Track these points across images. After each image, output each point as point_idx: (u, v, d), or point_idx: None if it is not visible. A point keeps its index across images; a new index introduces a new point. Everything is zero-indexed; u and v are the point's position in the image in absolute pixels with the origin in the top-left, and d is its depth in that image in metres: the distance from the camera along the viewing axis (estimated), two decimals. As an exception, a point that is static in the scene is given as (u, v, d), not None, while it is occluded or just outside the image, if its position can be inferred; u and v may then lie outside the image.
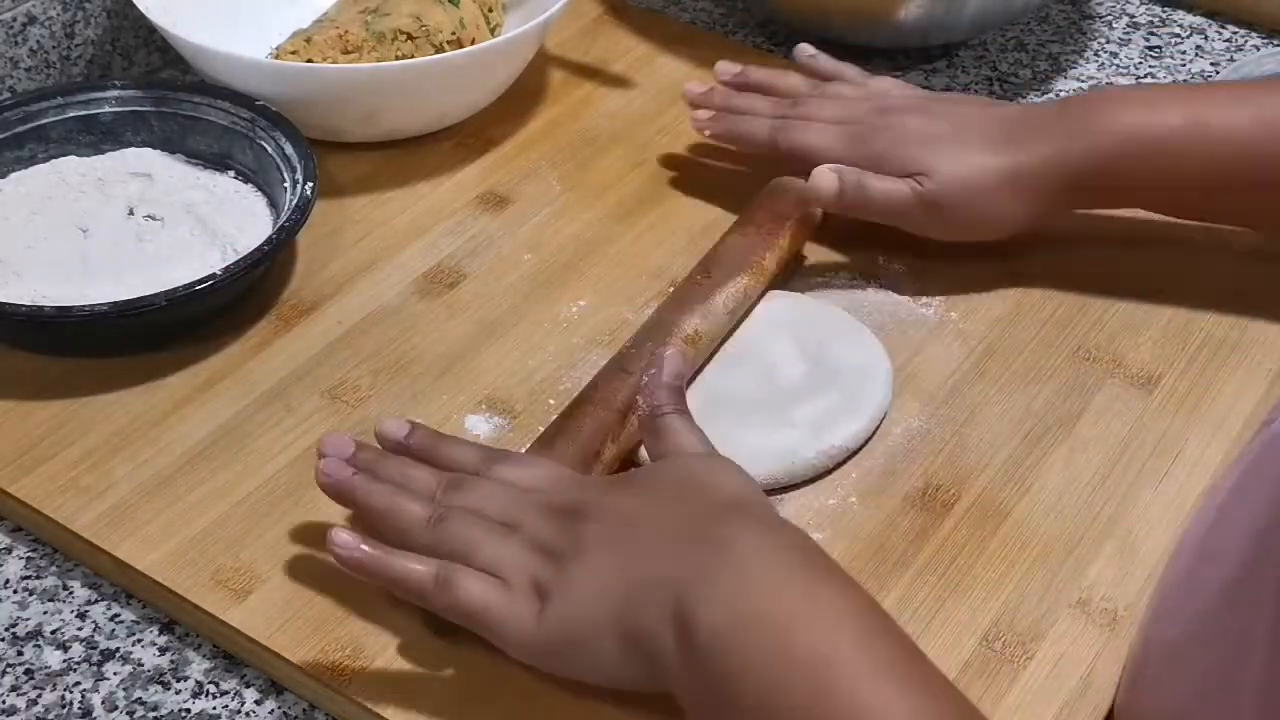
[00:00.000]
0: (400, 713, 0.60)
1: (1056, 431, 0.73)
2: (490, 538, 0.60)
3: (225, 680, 0.63)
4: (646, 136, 0.91)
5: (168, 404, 0.73)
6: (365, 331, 0.77)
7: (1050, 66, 1.02)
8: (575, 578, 0.57)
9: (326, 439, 0.64)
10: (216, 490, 0.69)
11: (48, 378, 0.74)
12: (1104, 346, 0.78)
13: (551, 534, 0.59)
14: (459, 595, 0.58)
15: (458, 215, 0.85)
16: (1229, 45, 1.04)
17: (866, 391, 0.73)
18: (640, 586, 0.56)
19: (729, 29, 1.05)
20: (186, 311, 0.74)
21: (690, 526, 0.57)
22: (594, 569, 0.57)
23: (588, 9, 1.03)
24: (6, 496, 0.69)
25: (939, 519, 0.69)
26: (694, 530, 0.57)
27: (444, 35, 0.89)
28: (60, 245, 0.78)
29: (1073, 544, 0.68)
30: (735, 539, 0.56)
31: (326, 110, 0.86)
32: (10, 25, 0.88)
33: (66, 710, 0.62)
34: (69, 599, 0.66)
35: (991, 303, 0.80)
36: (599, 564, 0.57)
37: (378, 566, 0.60)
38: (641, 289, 0.80)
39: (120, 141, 0.84)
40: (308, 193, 0.78)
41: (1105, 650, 0.63)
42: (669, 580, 0.55)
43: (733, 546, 0.55)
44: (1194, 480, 0.71)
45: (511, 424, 0.73)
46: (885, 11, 0.96)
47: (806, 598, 0.54)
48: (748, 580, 0.54)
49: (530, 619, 0.57)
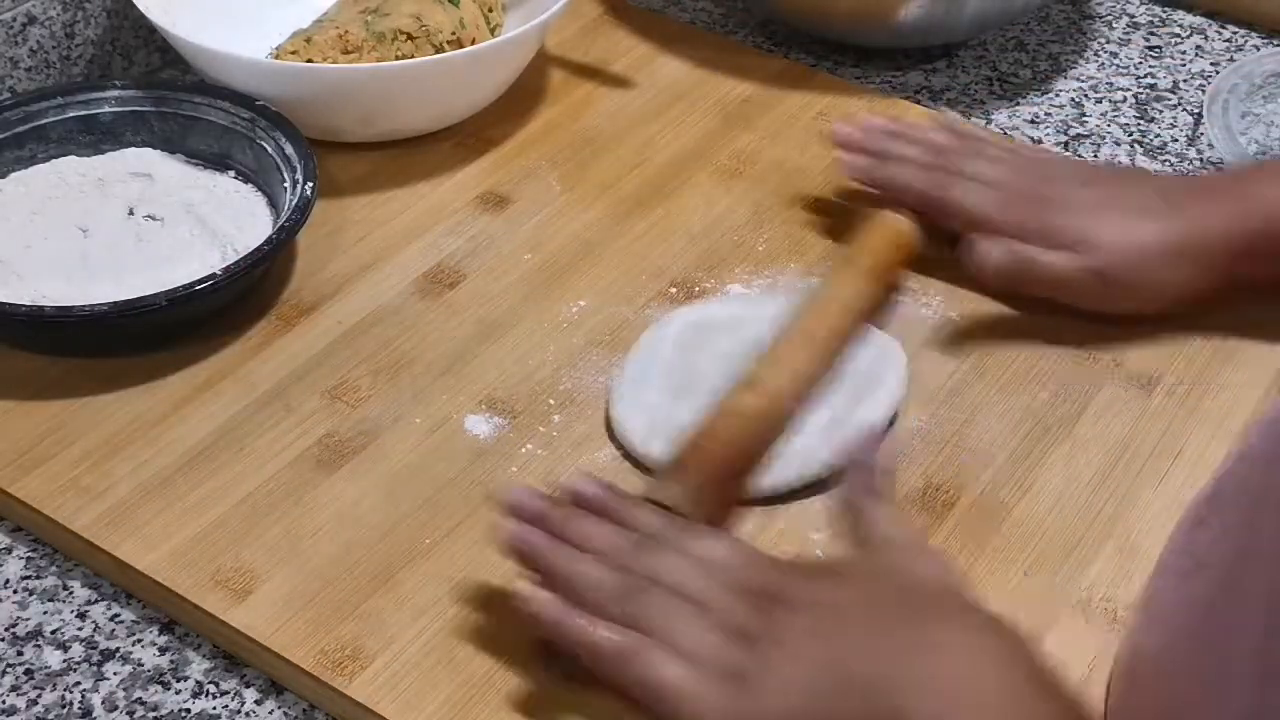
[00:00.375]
0: (400, 713, 0.60)
1: (1056, 431, 0.73)
2: (683, 616, 0.57)
3: (225, 680, 0.63)
4: (646, 136, 0.91)
5: (168, 404, 0.73)
6: (365, 331, 0.77)
7: (1050, 66, 1.02)
8: (775, 668, 0.55)
9: (514, 493, 0.62)
10: (216, 490, 0.69)
11: (48, 378, 0.74)
12: (1104, 346, 0.78)
13: (747, 617, 0.57)
14: (650, 673, 0.56)
15: (458, 215, 0.85)
16: (1229, 45, 1.04)
17: (879, 391, 0.72)
18: (848, 685, 0.54)
19: (729, 29, 1.05)
20: (187, 311, 0.74)
21: (902, 622, 0.55)
22: (796, 660, 0.55)
23: (588, 9, 1.03)
24: (6, 496, 0.69)
25: (939, 519, 0.69)
26: (906, 626, 0.55)
27: (444, 35, 0.89)
28: (60, 245, 0.78)
29: (1073, 544, 0.68)
30: (946, 642, 0.54)
31: (326, 110, 0.86)
32: (10, 25, 0.88)
33: (66, 710, 0.62)
34: (69, 599, 0.66)
35: (991, 303, 0.80)
36: (801, 656, 0.55)
37: (570, 629, 0.58)
38: (641, 289, 0.80)
39: (120, 141, 0.84)
40: (308, 193, 0.78)
41: (1105, 650, 0.63)
42: (879, 678, 0.53)
43: (947, 647, 0.54)
44: (1194, 480, 0.71)
45: (511, 424, 0.73)
46: (885, 11, 0.96)
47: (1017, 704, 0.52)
48: (958, 690, 0.52)
49: (720, 704, 0.55)
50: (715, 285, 0.81)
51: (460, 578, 0.65)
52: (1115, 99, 0.98)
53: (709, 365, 0.74)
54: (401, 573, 0.65)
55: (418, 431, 0.72)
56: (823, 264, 0.82)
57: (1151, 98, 0.98)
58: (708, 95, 0.95)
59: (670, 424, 0.71)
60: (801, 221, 0.85)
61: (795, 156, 0.90)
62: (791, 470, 0.69)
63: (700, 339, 0.76)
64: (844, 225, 0.83)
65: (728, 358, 0.74)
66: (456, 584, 0.65)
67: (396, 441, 0.71)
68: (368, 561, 0.66)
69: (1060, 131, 0.95)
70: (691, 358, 0.74)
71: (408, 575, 0.65)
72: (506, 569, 0.65)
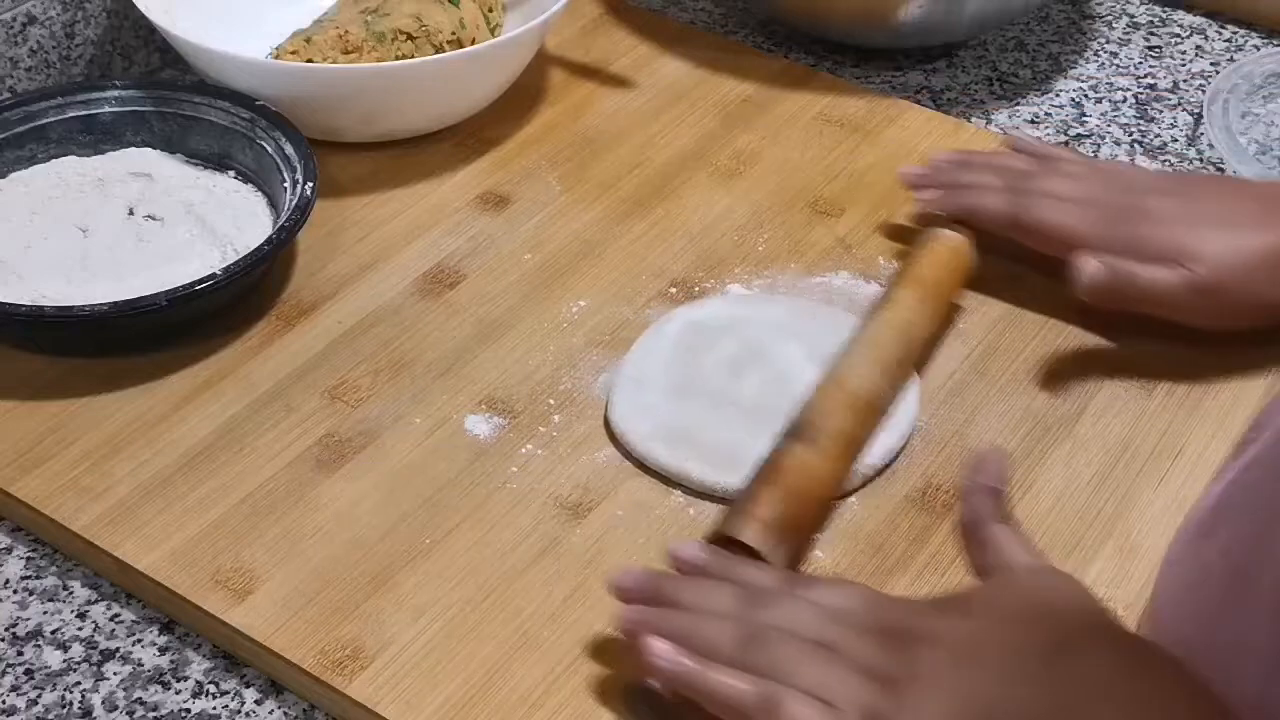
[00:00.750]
0: (400, 713, 0.60)
1: (1056, 431, 0.73)
2: (812, 659, 0.55)
3: (225, 680, 0.63)
4: (646, 136, 0.91)
5: (168, 404, 0.73)
6: (365, 331, 0.77)
7: (1050, 66, 1.02)
8: (914, 705, 0.53)
9: (619, 577, 0.61)
10: (216, 490, 0.69)
11: (48, 378, 0.74)
12: (1104, 346, 0.78)
13: (879, 658, 0.55)
14: (784, 717, 0.54)
15: (458, 215, 0.85)
16: (1229, 45, 1.04)
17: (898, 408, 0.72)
18: (995, 714, 0.52)
19: (729, 29, 1.05)
20: (186, 311, 0.74)
21: (1049, 657, 0.53)
22: (935, 697, 0.53)
23: (588, 9, 1.03)
24: (6, 496, 0.69)
25: (939, 519, 0.69)
26: (1054, 661, 0.52)
27: (444, 35, 0.89)
28: (60, 245, 0.78)
29: (1073, 544, 0.68)
30: (1100, 674, 0.51)
31: (326, 110, 0.86)
32: (10, 25, 0.88)
33: (66, 710, 0.62)
34: (69, 599, 0.66)
35: (991, 303, 0.80)
36: (944, 692, 0.53)
37: (697, 680, 0.56)
38: (641, 289, 0.80)
39: (120, 141, 0.84)
40: (308, 193, 0.78)
41: (1105, 650, 0.63)
42: (1028, 707, 0.51)
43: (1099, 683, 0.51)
44: (1194, 480, 0.71)
45: (511, 424, 0.73)
46: (885, 11, 0.96)
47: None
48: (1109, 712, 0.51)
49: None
50: (715, 285, 0.81)
51: (460, 578, 0.65)
52: (1115, 99, 0.98)
53: (710, 366, 0.74)
54: (401, 573, 0.65)
55: (418, 431, 0.72)
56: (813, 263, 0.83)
57: (1151, 98, 0.98)
58: (708, 95, 0.95)
59: (669, 425, 0.71)
60: (801, 221, 0.85)
61: (795, 156, 0.90)
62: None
63: (701, 339, 0.75)
64: (844, 226, 0.84)
65: (729, 359, 0.74)
66: (456, 584, 0.65)
67: (396, 441, 0.71)
68: (368, 561, 0.66)
69: (1060, 131, 0.95)
70: (692, 358, 0.74)
71: (408, 575, 0.65)
72: (507, 568, 0.66)
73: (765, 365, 0.74)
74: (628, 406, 0.72)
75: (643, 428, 0.71)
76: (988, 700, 0.52)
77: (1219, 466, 0.71)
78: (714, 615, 0.58)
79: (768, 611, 0.57)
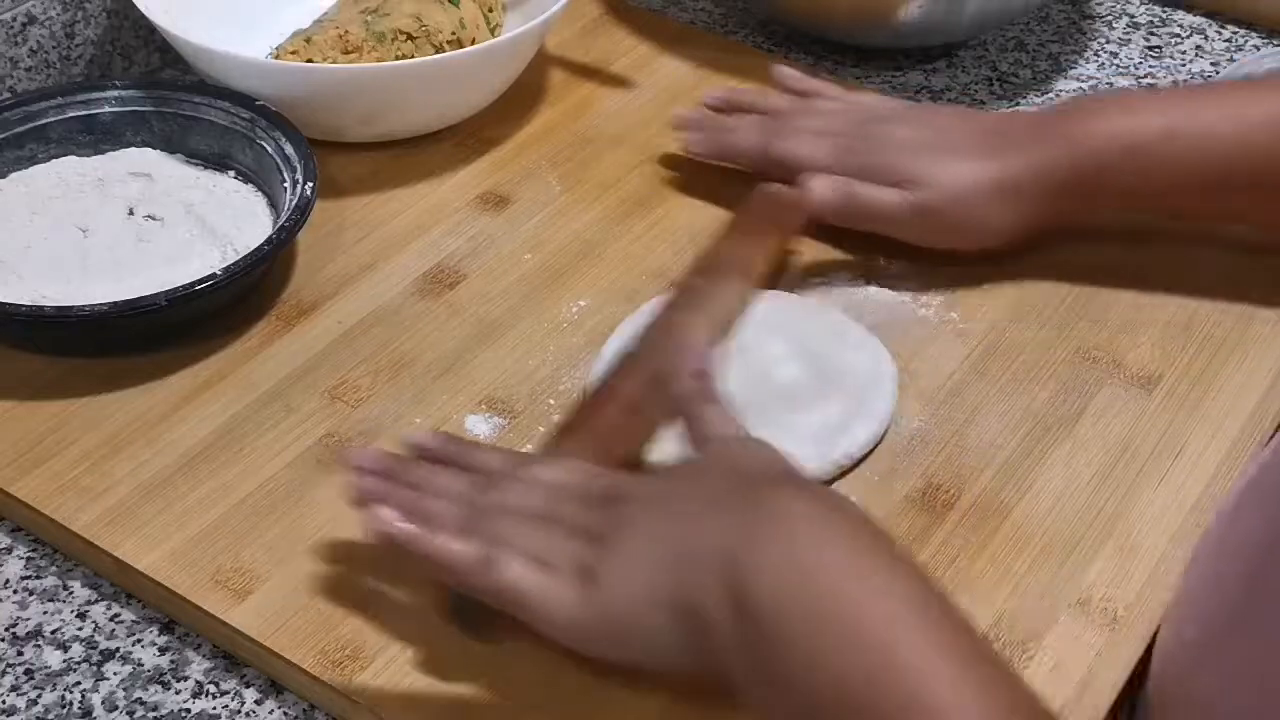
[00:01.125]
0: (400, 713, 0.60)
1: (1056, 431, 0.73)
2: (530, 527, 0.59)
3: (225, 680, 0.63)
4: (646, 136, 0.91)
5: (168, 404, 0.73)
6: (365, 331, 0.77)
7: (1050, 66, 1.02)
8: (621, 555, 0.56)
9: (355, 453, 0.63)
10: (216, 490, 0.69)
11: (48, 378, 0.74)
12: (1104, 346, 0.78)
13: (592, 519, 0.58)
14: (503, 574, 0.57)
15: (458, 215, 0.85)
16: (1229, 45, 1.04)
17: (873, 399, 0.72)
18: (689, 557, 0.55)
19: (729, 29, 1.05)
20: (186, 311, 0.74)
21: (738, 497, 0.56)
22: (639, 544, 0.56)
23: (588, 9, 1.03)
24: (6, 496, 0.69)
25: (939, 519, 0.69)
26: (739, 500, 0.56)
27: (444, 35, 0.89)
28: (60, 245, 0.78)
29: (1073, 544, 0.68)
30: (785, 507, 0.54)
31: (326, 110, 0.86)
32: (10, 25, 0.88)
33: (66, 710, 0.62)
34: (69, 599, 0.66)
35: (991, 303, 0.80)
36: (644, 539, 0.56)
37: (418, 542, 0.59)
38: (641, 289, 0.80)
39: (120, 141, 0.84)
40: (308, 193, 0.78)
41: (1105, 650, 0.63)
42: (719, 549, 0.54)
43: (783, 513, 0.54)
44: (1194, 480, 0.71)
45: (511, 424, 0.73)
46: (885, 11, 0.96)
47: (861, 567, 0.52)
48: (800, 546, 0.53)
49: (576, 600, 0.56)
50: (715, 285, 0.81)
51: (460, 578, 0.65)
52: (1115, 99, 0.98)
53: None
54: (401, 573, 0.65)
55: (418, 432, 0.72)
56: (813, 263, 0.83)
57: (1151, 98, 0.98)
58: (708, 95, 0.95)
59: None
60: (801, 221, 0.85)
61: (795, 156, 0.90)
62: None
63: None
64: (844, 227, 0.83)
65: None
66: (456, 584, 0.65)
67: (396, 441, 0.71)
68: (368, 561, 0.66)
69: (1060, 131, 0.95)
70: None
71: (408, 575, 0.65)
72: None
73: (744, 356, 0.74)
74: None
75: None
76: (682, 541, 0.55)
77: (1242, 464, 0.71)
78: (443, 494, 0.61)
79: (493, 492, 0.61)
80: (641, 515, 0.57)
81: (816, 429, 0.71)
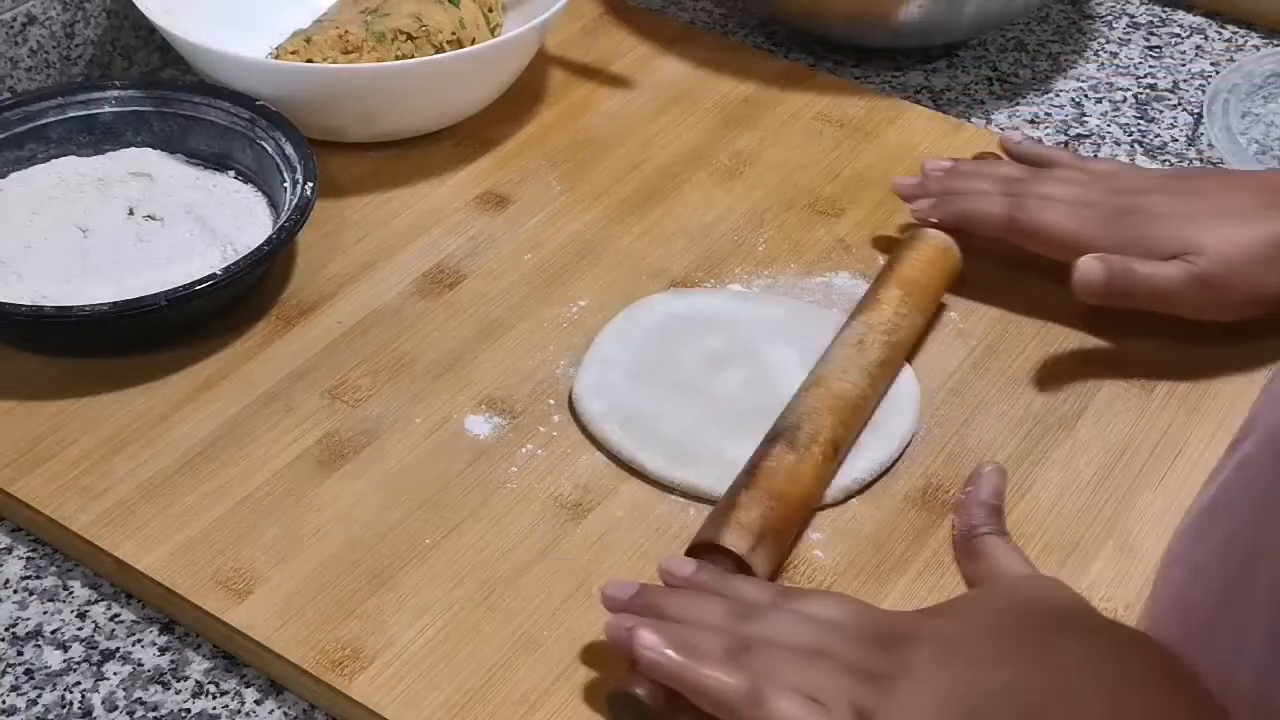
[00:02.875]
0: (400, 713, 0.60)
1: (1056, 431, 0.73)
2: (801, 662, 0.56)
3: (225, 680, 0.63)
4: (646, 136, 0.91)
5: (168, 404, 0.73)
6: (365, 331, 0.77)
7: (1050, 66, 1.02)
8: (906, 698, 0.53)
9: (609, 586, 0.61)
10: (216, 490, 0.69)
11: (48, 378, 0.74)
12: (1104, 346, 0.78)
13: (869, 659, 0.55)
14: (774, 709, 0.54)
15: (458, 215, 0.85)
16: (1229, 45, 1.04)
17: (891, 419, 0.71)
18: (984, 699, 0.52)
19: (729, 29, 1.05)
20: (186, 311, 0.74)
21: (1029, 644, 0.53)
22: (923, 690, 0.53)
23: (588, 9, 1.03)
24: (6, 496, 0.69)
25: (939, 519, 0.69)
26: (1035, 648, 0.53)
27: (444, 35, 0.89)
28: (60, 245, 0.78)
29: (1073, 544, 0.68)
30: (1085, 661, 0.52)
31: (326, 110, 0.86)
32: (10, 25, 0.88)
33: (66, 710, 0.62)
34: (69, 599, 0.66)
35: (991, 303, 0.80)
36: (928, 684, 0.53)
37: (686, 673, 0.56)
38: (641, 289, 0.80)
39: (120, 141, 0.84)
40: (308, 193, 0.78)
41: (1105, 650, 0.63)
42: (1015, 688, 0.51)
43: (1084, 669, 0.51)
44: (1194, 480, 0.71)
45: (511, 424, 0.73)
46: (885, 11, 0.96)
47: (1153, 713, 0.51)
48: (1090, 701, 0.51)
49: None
50: (715, 285, 0.81)
51: (460, 578, 0.65)
52: (1115, 99, 0.98)
53: (688, 357, 0.74)
54: (401, 573, 0.65)
55: (418, 431, 0.72)
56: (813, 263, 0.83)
57: (1151, 98, 0.98)
58: (708, 95, 0.95)
59: (626, 407, 0.71)
60: (801, 221, 0.85)
61: (795, 156, 0.90)
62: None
63: (685, 329, 0.75)
64: (844, 226, 0.83)
65: (711, 353, 0.74)
66: (456, 584, 0.65)
67: (396, 441, 0.71)
68: (368, 561, 0.66)
69: (1060, 131, 0.95)
70: (671, 347, 0.74)
71: (408, 575, 0.65)
72: (507, 568, 0.66)
73: (752, 364, 0.74)
74: (589, 384, 0.73)
75: (599, 407, 0.71)
76: (974, 688, 0.52)
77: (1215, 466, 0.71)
78: (704, 626, 0.58)
79: (758, 624, 0.58)
80: (928, 657, 0.54)
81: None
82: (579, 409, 0.72)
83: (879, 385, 0.71)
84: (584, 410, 0.71)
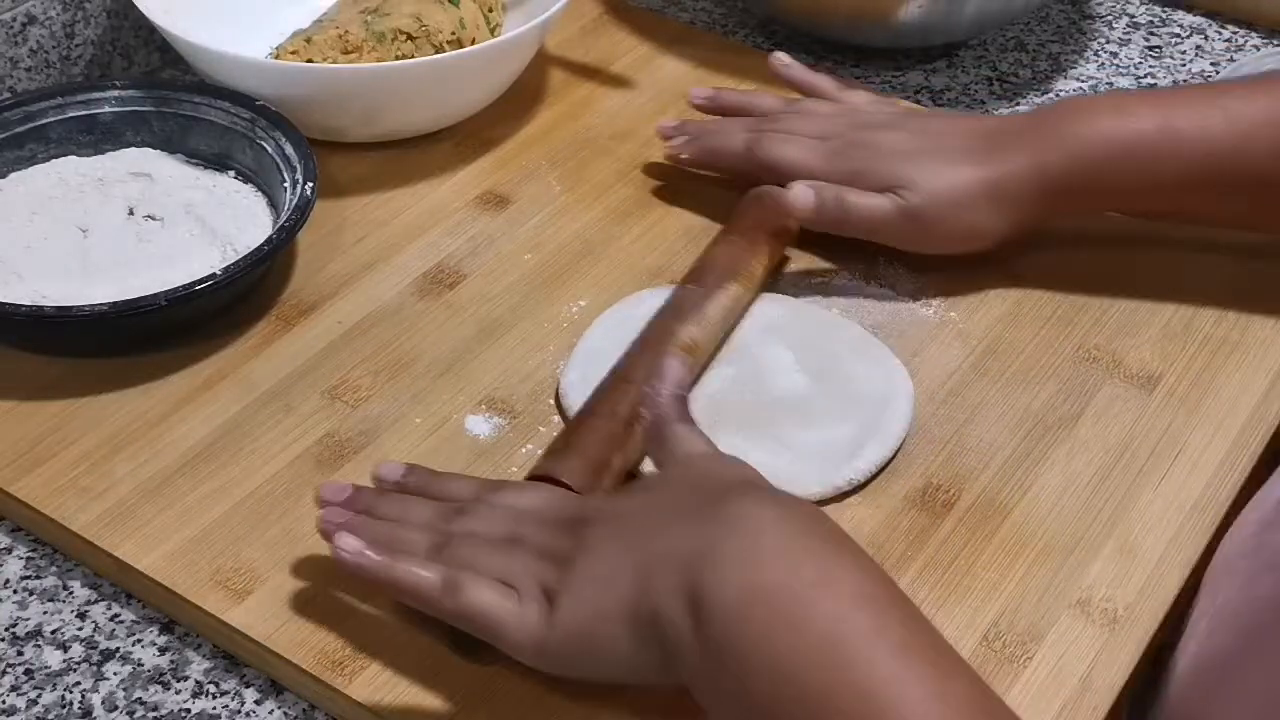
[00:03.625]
0: (400, 713, 0.60)
1: (1056, 431, 0.73)
2: (495, 552, 0.59)
3: (225, 680, 0.63)
4: (647, 136, 0.91)
5: (168, 404, 0.73)
6: (365, 331, 0.77)
7: (1050, 66, 1.02)
8: (583, 572, 0.56)
9: (323, 487, 0.64)
10: (216, 490, 0.69)
11: (48, 378, 0.74)
12: (1104, 346, 0.78)
13: (556, 541, 0.58)
14: (467, 599, 0.57)
15: (458, 215, 0.85)
16: (1229, 45, 1.04)
17: (886, 419, 0.71)
18: (648, 567, 0.54)
19: (729, 29, 1.05)
20: (186, 311, 0.74)
21: (698, 507, 0.56)
22: (601, 561, 0.56)
23: (588, 9, 1.03)
24: (6, 496, 0.69)
25: (939, 519, 0.69)
26: (701, 509, 0.55)
27: (444, 35, 0.89)
28: (60, 245, 0.78)
29: (1073, 544, 0.68)
30: (744, 513, 0.54)
31: (326, 110, 0.86)
32: (10, 25, 0.88)
33: (66, 710, 0.62)
34: (69, 599, 0.66)
35: (991, 303, 0.80)
36: (606, 555, 0.56)
37: (382, 571, 0.59)
38: (641, 289, 0.80)
39: (120, 141, 0.84)
40: (308, 193, 0.78)
41: (1105, 650, 0.63)
42: (678, 556, 0.53)
43: (742, 520, 0.53)
44: (1194, 480, 0.71)
45: (511, 424, 0.73)
46: (885, 11, 0.96)
47: (820, 570, 0.52)
48: (759, 552, 0.52)
49: (540, 621, 0.56)
50: (715, 285, 0.81)
51: (460, 578, 0.65)
52: (1115, 99, 0.98)
53: None
54: (401, 573, 0.65)
55: (418, 431, 0.72)
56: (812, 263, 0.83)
57: (1151, 98, 0.98)
58: (708, 95, 0.95)
59: None
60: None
61: (795, 156, 0.90)
62: (796, 490, 0.67)
63: None
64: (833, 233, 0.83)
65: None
66: (456, 584, 0.65)
67: (396, 441, 0.71)
68: (368, 561, 0.66)
69: (1060, 131, 0.95)
70: None
71: (408, 575, 0.65)
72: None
73: (741, 360, 0.74)
74: (575, 379, 0.73)
75: (581, 401, 0.71)
76: (643, 554, 0.55)
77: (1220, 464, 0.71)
78: (410, 525, 0.62)
79: (460, 520, 0.61)
80: (604, 534, 0.57)
81: (821, 447, 0.70)
82: (565, 403, 0.72)
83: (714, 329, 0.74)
84: (570, 405, 0.71)
